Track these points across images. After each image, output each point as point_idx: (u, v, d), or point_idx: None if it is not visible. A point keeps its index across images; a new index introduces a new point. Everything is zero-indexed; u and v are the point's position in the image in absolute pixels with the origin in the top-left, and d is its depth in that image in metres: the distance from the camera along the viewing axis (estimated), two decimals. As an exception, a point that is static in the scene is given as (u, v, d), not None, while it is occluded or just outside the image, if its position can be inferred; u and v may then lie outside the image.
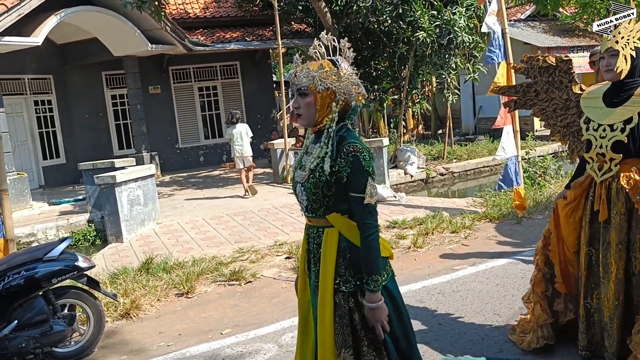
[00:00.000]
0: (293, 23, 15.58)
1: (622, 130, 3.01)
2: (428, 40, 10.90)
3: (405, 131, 17.40)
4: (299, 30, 15.55)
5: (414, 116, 19.29)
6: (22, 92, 12.99)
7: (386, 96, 15.03)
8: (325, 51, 2.30)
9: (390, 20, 11.86)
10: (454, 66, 11.69)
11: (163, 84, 15.34)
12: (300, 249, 2.60)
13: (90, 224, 9.25)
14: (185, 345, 4.18)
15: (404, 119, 16.27)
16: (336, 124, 2.24)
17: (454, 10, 11.02)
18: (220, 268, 5.81)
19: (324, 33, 2.33)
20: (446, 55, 11.48)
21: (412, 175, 12.52)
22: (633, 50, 2.97)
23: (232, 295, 5.25)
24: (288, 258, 6.17)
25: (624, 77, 3.00)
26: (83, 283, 4.20)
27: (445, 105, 14.45)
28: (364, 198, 2.16)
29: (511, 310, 4.17)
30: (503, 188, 6.73)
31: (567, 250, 3.33)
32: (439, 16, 10.99)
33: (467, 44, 11.25)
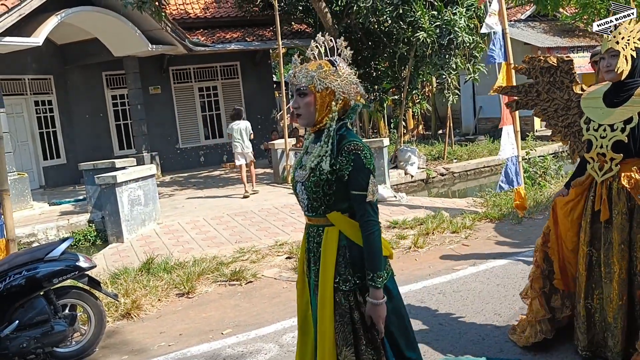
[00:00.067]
0: (293, 23, 15.59)
1: (623, 130, 3.01)
2: (428, 40, 10.89)
3: (405, 131, 17.39)
4: (300, 30, 15.55)
5: (414, 116, 19.29)
6: (23, 93, 12.99)
7: (386, 96, 15.03)
8: (324, 51, 2.31)
9: (390, 21, 11.86)
10: (454, 66, 11.68)
11: (163, 84, 15.34)
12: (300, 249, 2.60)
13: (90, 224, 9.26)
14: (186, 345, 4.19)
15: (404, 119, 16.27)
16: (336, 123, 2.25)
17: (455, 11, 11.01)
18: (221, 268, 5.82)
19: (320, 34, 2.34)
20: (446, 56, 11.48)
21: (413, 176, 12.53)
22: (633, 50, 2.98)
23: (233, 295, 5.25)
24: (289, 258, 6.17)
25: (624, 78, 3.01)
26: (84, 283, 4.21)
27: (446, 106, 14.46)
28: (366, 196, 2.17)
29: (512, 310, 4.17)
30: (503, 188, 6.73)
31: (566, 248, 3.34)
32: (440, 16, 10.99)
33: (468, 44, 11.24)
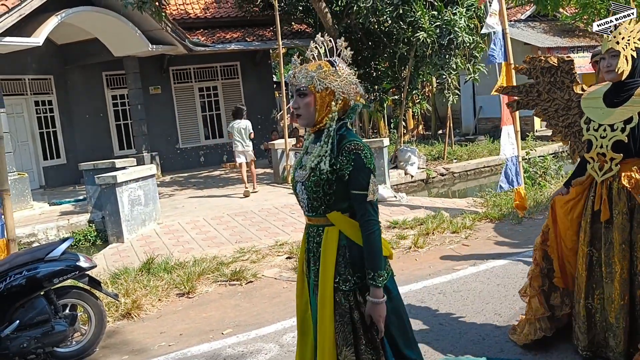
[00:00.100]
0: (293, 23, 15.58)
1: (623, 130, 3.02)
2: (428, 40, 10.90)
3: (405, 131, 17.39)
4: (300, 30, 15.55)
5: (414, 116, 19.30)
6: (23, 93, 13.00)
7: (386, 96, 15.02)
8: (323, 52, 2.31)
9: (390, 21, 11.85)
10: (455, 66, 11.68)
11: (163, 84, 15.34)
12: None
13: (91, 224, 9.26)
14: (186, 345, 4.19)
15: (404, 120, 16.27)
16: (336, 123, 2.25)
17: (455, 11, 11.02)
18: (221, 268, 5.82)
19: (320, 35, 2.34)
20: (446, 56, 11.48)
21: (413, 176, 12.53)
22: (634, 50, 2.98)
23: (233, 295, 5.26)
24: (289, 258, 6.17)
25: (625, 78, 3.01)
26: (84, 283, 4.21)
27: (446, 106, 14.45)
28: (367, 195, 2.17)
29: (512, 310, 4.17)
30: (504, 188, 6.73)
31: (565, 246, 3.35)
32: (440, 16, 10.99)
33: (468, 44, 11.24)
